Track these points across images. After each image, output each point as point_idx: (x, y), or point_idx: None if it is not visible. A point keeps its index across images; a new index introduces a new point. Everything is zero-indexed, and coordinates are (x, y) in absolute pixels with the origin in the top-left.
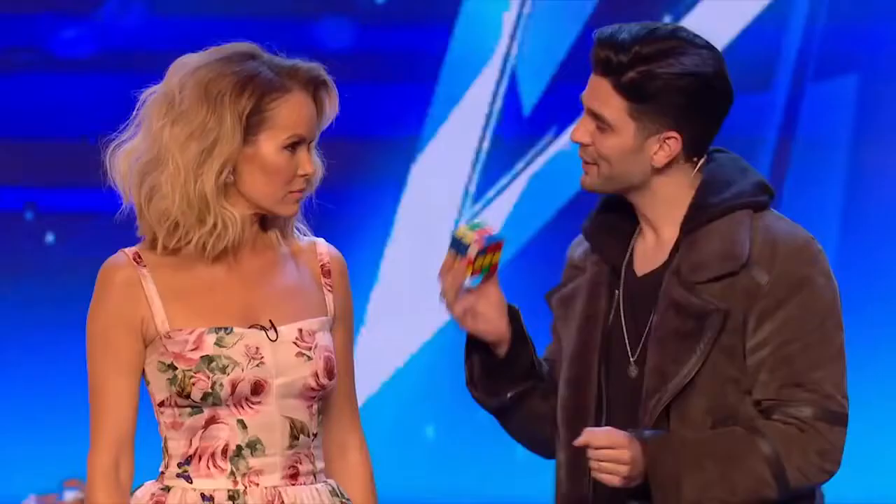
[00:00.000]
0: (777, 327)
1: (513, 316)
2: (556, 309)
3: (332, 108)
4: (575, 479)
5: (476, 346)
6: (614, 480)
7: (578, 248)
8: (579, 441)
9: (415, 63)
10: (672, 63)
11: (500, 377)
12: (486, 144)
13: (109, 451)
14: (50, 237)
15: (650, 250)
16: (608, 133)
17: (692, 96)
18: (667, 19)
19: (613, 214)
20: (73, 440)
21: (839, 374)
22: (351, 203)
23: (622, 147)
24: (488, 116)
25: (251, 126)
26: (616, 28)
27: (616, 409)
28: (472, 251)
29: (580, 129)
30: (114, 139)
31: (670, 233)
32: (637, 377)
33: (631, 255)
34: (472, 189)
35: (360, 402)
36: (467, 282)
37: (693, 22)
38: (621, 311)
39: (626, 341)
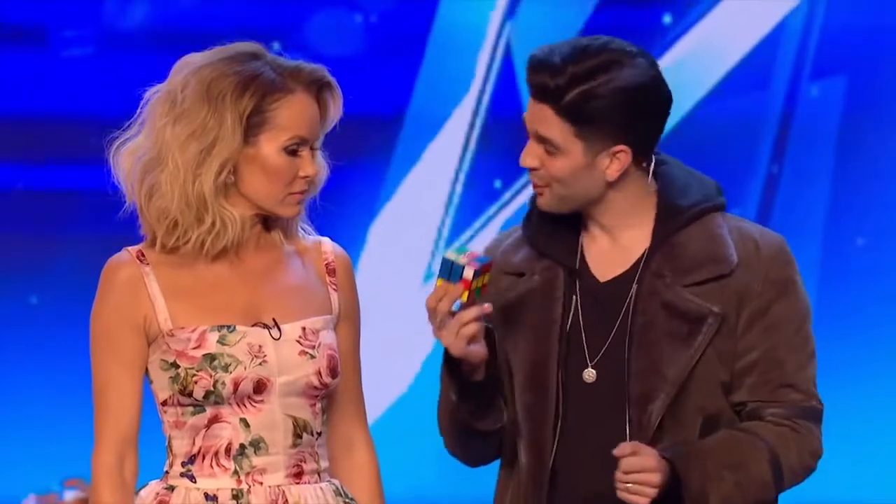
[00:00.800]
0: (766, 329)
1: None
2: (497, 319)
3: (336, 109)
4: (538, 483)
5: (453, 373)
6: (642, 501)
7: (516, 253)
8: (617, 452)
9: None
10: (610, 79)
11: (480, 399)
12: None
13: (114, 450)
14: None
15: (607, 255)
16: (557, 155)
17: (635, 109)
18: (666, 19)
19: (553, 218)
20: (73, 439)
21: (815, 373)
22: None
23: (573, 167)
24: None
25: (252, 126)
26: (547, 51)
27: (573, 415)
28: (469, 274)
29: (528, 155)
30: (117, 137)
31: (632, 237)
32: (595, 382)
33: (583, 259)
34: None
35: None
36: (455, 305)
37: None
38: (580, 316)
39: (585, 347)
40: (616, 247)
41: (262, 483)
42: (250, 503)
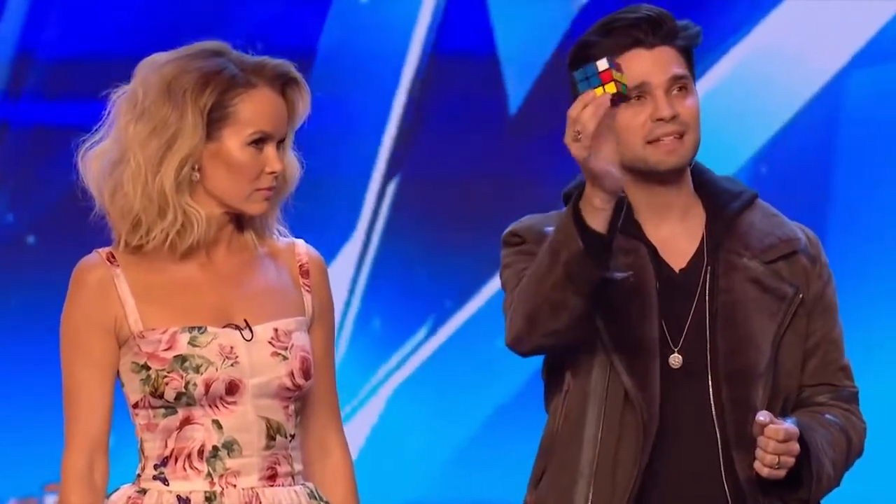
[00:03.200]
0: (824, 311)
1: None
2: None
3: (303, 105)
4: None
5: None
6: (780, 474)
7: None
8: (761, 420)
9: None
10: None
11: (603, 254)
12: None
13: (84, 453)
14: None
15: (672, 239)
16: (688, 96)
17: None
18: None
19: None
20: (53, 443)
21: None
22: None
23: (698, 106)
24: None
25: (214, 122)
26: (637, 7)
27: (667, 403)
28: (604, 65)
29: (668, 103)
30: (87, 141)
31: (694, 220)
32: (682, 367)
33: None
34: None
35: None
36: (612, 94)
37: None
38: (661, 300)
39: (666, 331)
40: (677, 228)
41: (235, 485)
42: None
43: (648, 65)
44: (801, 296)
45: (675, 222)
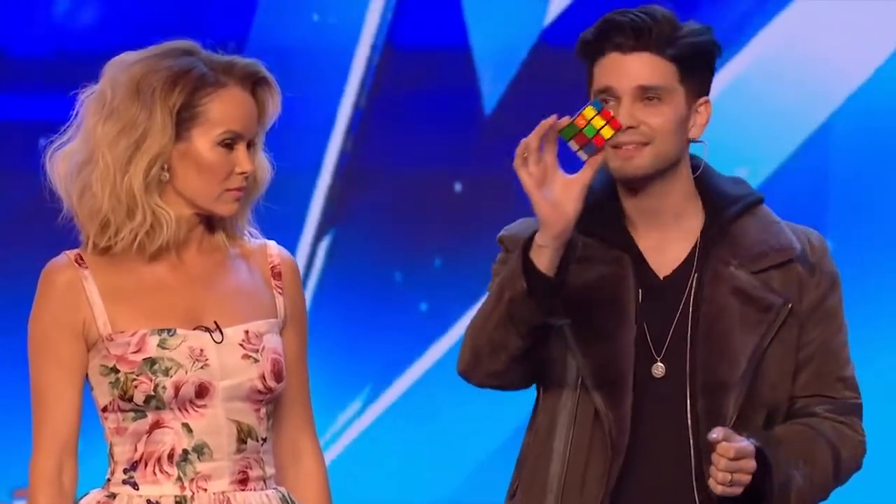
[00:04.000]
0: (822, 321)
1: (571, 242)
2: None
3: (273, 105)
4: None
5: (528, 260)
6: (736, 491)
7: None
8: (713, 437)
9: None
10: (704, 31)
11: (554, 291)
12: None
13: (52, 457)
14: None
15: (659, 246)
16: (660, 105)
17: (715, 61)
18: None
19: (599, 205)
20: (22, 448)
21: (854, 371)
22: None
23: (675, 116)
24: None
25: (183, 121)
26: (624, 10)
27: (646, 412)
28: (587, 107)
29: (625, 114)
30: (54, 141)
31: (686, 227)
32: (664, 377)
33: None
34: None
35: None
36: (572, 144)
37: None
38: (643, 309)
39: (649, 340)
40: (667, 238)
41: (206, 489)
42: None
43: (617, 70)
44: (790, 306)
45: (666, 228)
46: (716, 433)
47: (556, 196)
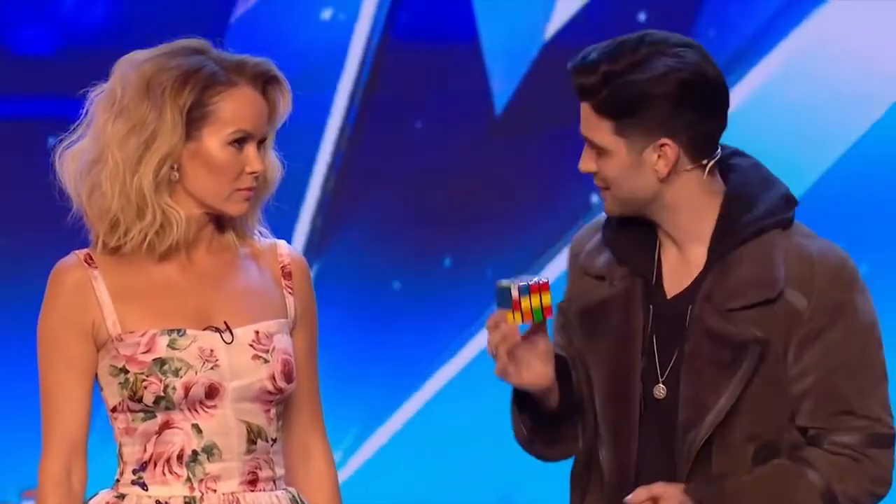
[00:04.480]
0: (820, 355)
1: (559, 365)
2: (577, 322)
3: (285, 105)
4: (621, 493)
5: (524, 404)
6: None
7: (599, 256)
8: (630, 499)
9: None
10: (644, 71)
11: (557, 427)
12: None
13: (61, 458)
14: None
15: (675, 269)
16: (605, 156)
17: (672, 99)
18: (641, 17)
19: (632, 224)
20: (31, 448)
21: (884, 395)
22: None
23: (621, 167)
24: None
25: (194, 121)
26: (586, 51)
27: (649, 430)
28: (516, 293)
29: (584, 160)
30: (63, 139)
31: (697, 252)
32: (665, 399)
33: (659, 270)
34: None
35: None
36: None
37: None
38: (651, 329)
39: (657, 361)
40: (683, 261)
41: (215, 490)
42: None
43: (581, 115)
44: (764, 343)
45: (685, 249)
46: (633, 496)
47: (528, 378)
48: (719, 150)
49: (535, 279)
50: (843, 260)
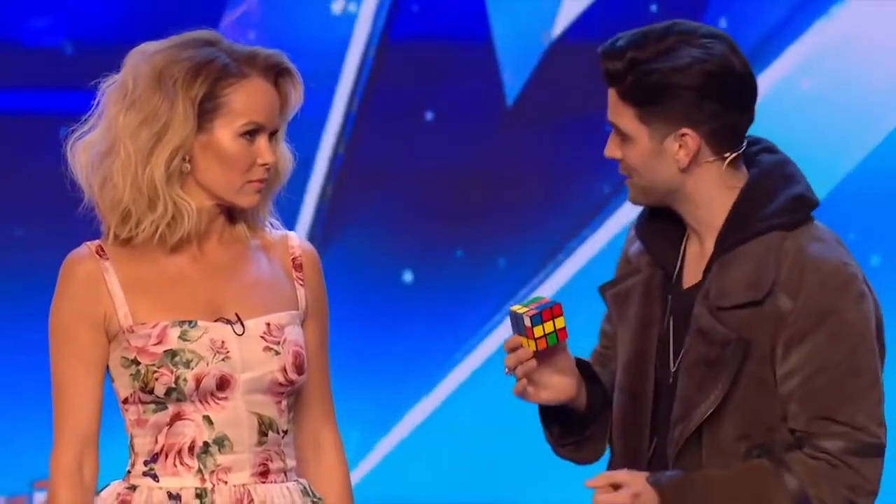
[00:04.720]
0: (804, 358)
1: (585, 371)
2: (610, 305)
3: (296, 97)
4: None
5: (550, 411)
6: None
7: (634, 244)
8: (589, 483)
9: None
10: (668, 59)
11: (585, 429)
12: None
13: (72, 449)
14: None
15: (695, 261)
16: (628, 143)
17: (696, 90)
18: (653, 7)
19: (664, 215)
20: (42, 440)
21: (873, 403)
22: None
23: (642, 154)
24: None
25: (205, 112)
26: (616, 37)
27: (663, 416)
28: (528, 322)
29: (609, 146)
30: (75, 131)
31: (711, 245)
32: (672, 390)
33: (682, 261)
34: None
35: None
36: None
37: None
38: (670, 318)
39: (671, 350)
40: (702, 253)
41: (226, 482)
42: (214, 502)
43: (608, 101)
44: (746, 344)
45: (704, 240)
46: (593, 480)
47: (554, 385)
48: (744, 143)
49: (547, 304)
50: (838, 266)
